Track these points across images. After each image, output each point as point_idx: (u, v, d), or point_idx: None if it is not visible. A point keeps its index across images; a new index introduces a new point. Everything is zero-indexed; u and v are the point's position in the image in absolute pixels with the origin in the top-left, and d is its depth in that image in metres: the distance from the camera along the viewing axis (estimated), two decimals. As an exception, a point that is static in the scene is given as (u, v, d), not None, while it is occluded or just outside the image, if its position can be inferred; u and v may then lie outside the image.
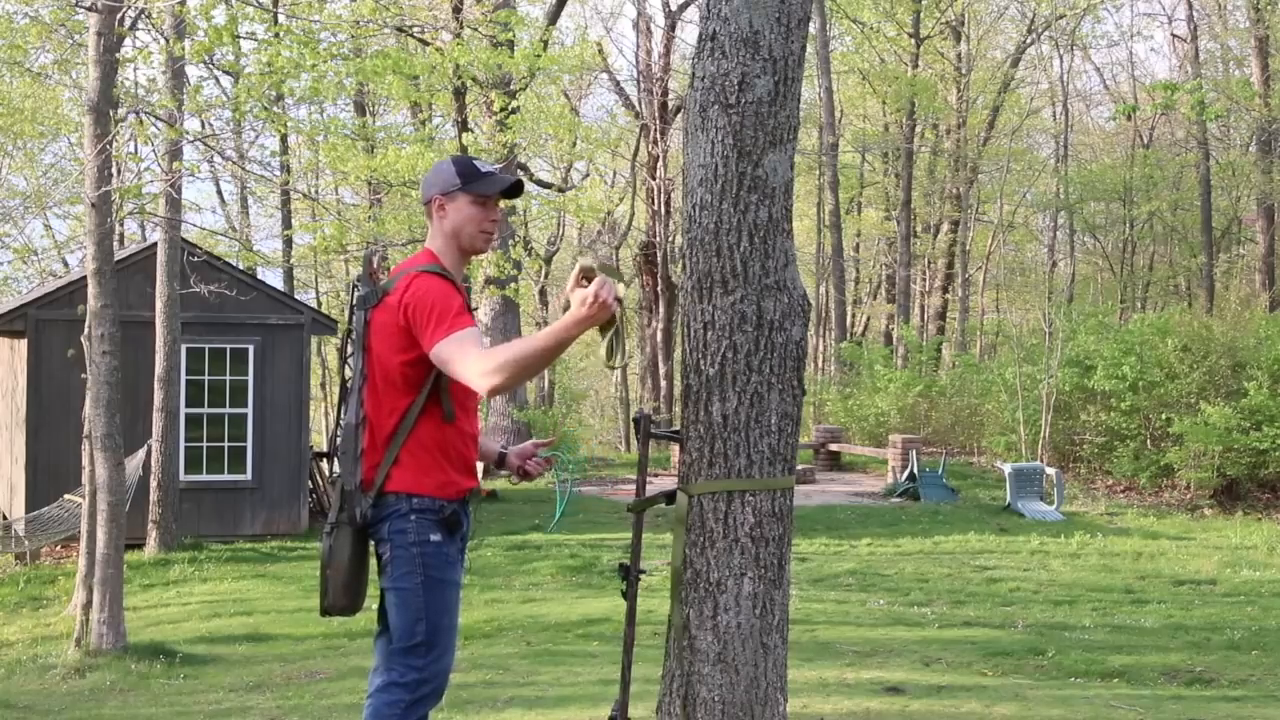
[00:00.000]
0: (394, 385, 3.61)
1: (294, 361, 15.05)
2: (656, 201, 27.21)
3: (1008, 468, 17.34)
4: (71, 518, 12.71)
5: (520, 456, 4.02)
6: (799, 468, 16.77)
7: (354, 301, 3.76)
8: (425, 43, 16.49)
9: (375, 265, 3.86)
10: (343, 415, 3.70)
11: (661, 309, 27.19)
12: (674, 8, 27.88)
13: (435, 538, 3.59)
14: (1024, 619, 10.26)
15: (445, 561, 3.62)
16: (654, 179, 27.30)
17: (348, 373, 3.78)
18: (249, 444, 14.83)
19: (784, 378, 3.94)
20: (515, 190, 3.80)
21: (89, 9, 9.17)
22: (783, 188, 3.95)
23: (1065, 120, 34.98)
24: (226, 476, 14.84)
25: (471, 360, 3.42)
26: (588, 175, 34.21)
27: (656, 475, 16.38)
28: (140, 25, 11.51)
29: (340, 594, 3.70)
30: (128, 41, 11.93)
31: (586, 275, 3.35)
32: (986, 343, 35.34)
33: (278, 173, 17.17)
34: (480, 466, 4.01)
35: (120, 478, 9.51)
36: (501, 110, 15.30)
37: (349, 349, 3.77)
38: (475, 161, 3.78)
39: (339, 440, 3.68)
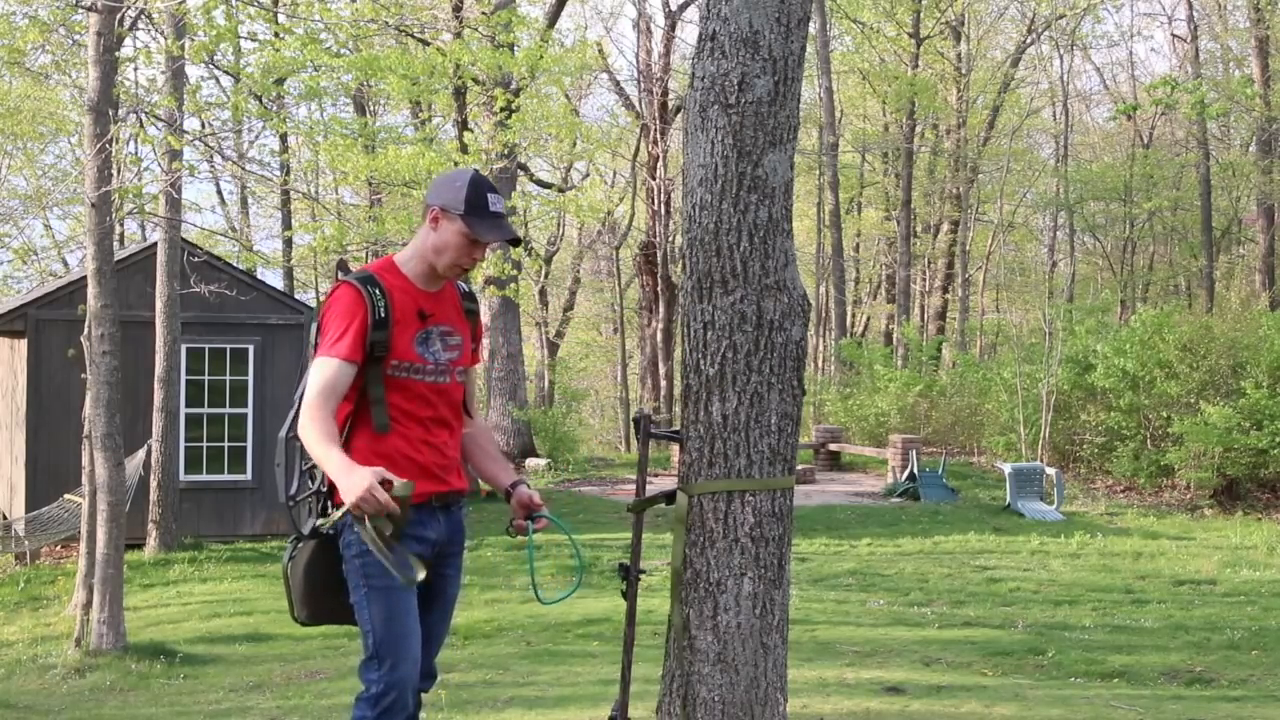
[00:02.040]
0: None
1: (294, 361, 15.04)
2: (656, 201, 27.21)
3: (1008, 468, 17.34)
4: (71, 518, 12.71)
5: (523, 506, 3.82)
6: (799, 468, 16.77)
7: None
8: (425, 43, 16.50)
9: (347, 268, 3.84)
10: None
11: (661, 309, 27.19)
12: (674, 8, 27.88)
13: None
14: (1024, 619, 10.26)
15: (387, 570, 3.49)
16: (654, 179, 27.30)
17: None
18: (249, 444, 14.83)
19: (784, 378, 3.94)
20: (511, 242, 3.74)
21: (89, 9, 9.17)
22: (783, 188, 3.96)
23: (1065, 120, 34.98)
24: (226, 476, 14.84)
25: (309, 396, 3.47)
26: (588, 175, 34.23)
27: (656, 475, 16.38)
28: (140, 25, 11.52)
29: (301, 604, 3.69)
30: (128, 41, 11.93)
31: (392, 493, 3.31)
32: (986, 343, 35.34)
33: (278, 173, 17.18)
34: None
35: (120, 478, 9.51)
36: (503, 110, 15.30)
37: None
38: (490, 194, 3.65)
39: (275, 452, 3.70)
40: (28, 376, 14.28)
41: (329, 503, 3.60)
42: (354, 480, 3.24)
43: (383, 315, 3.54)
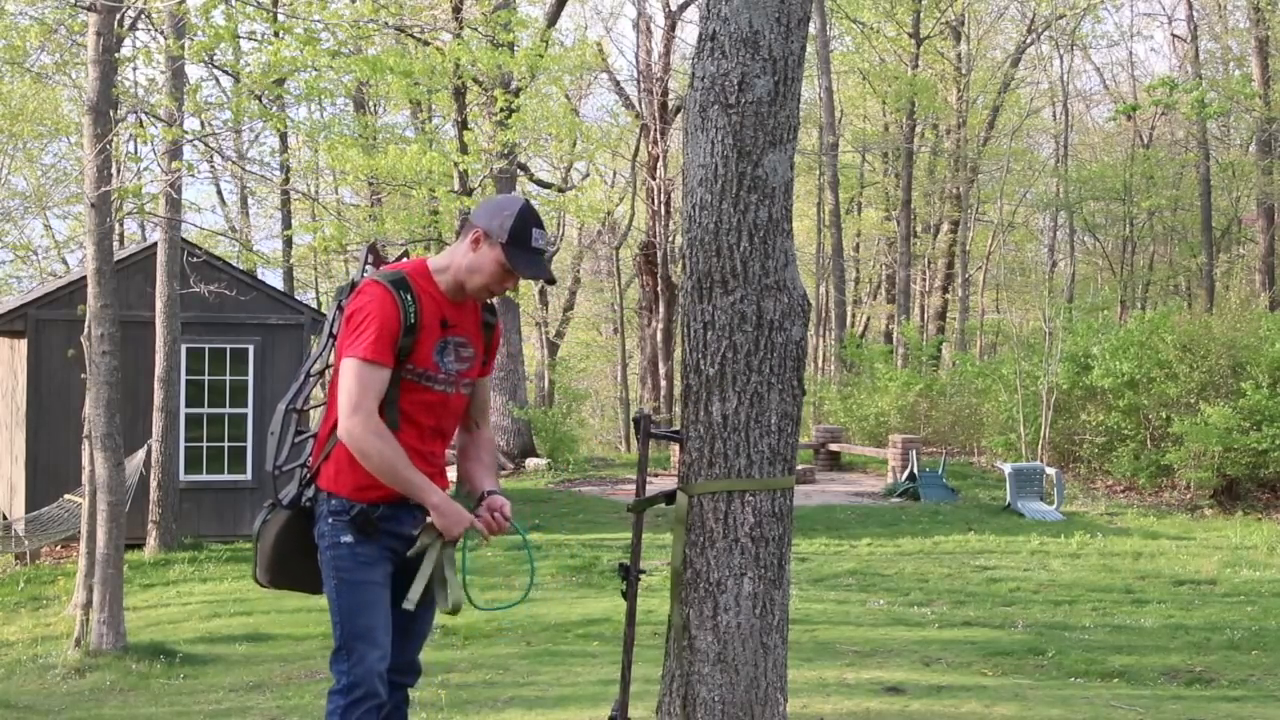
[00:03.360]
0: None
1: (294, 361, 15.03)
2: (656, 201, 27.21)
3: (1008, 468, 17.33)
4: (71, 518, 12.70)
5: (490, 509, 3.83)
6: (799, 468, 16.77)
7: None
8: (425, 43, 16.50)
9: (378, 254, 3.88)
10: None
11: (661, 309, 27.19)
12: (674, 8, 27.88)
13: (346, 539, 3.62)
14: (1024, 619, 10.26)
15: (358, 563, 3.63)
16: (654, 179, 27.29)
17: None
18: (249, 444, 14.83)
19: (784, 378, 3.94)
20: (547, 281, 3.85)
21: (89, 9, 9.17)
22: (783, 188, 3.95)
23: (1065, 120, 34.98)
24: (226, 476, 14.84)
25: (349, 400, 3.53)
26: (588, 175, 34.21)
27: (656, 475, 16.38)
28: (140, 25, 11.52)
29: (265, 569, 3.80)
30: (128, 41, 11.93)
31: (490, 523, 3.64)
32: (986, 342, 35.35)
33: (278, 173, 17.19)
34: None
35: (120, 478, 9.51)
36: (502, 110, 15.29)
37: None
38: (535, 230, 3.69)
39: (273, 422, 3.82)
40: (28, 376, 14.28)
41: (315, 483, 3.71)
42: (459, 518, 3.54)
43: (412, 321, 3.61)
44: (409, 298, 3.61)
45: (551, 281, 3.89)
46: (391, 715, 3.78)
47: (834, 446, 21.35)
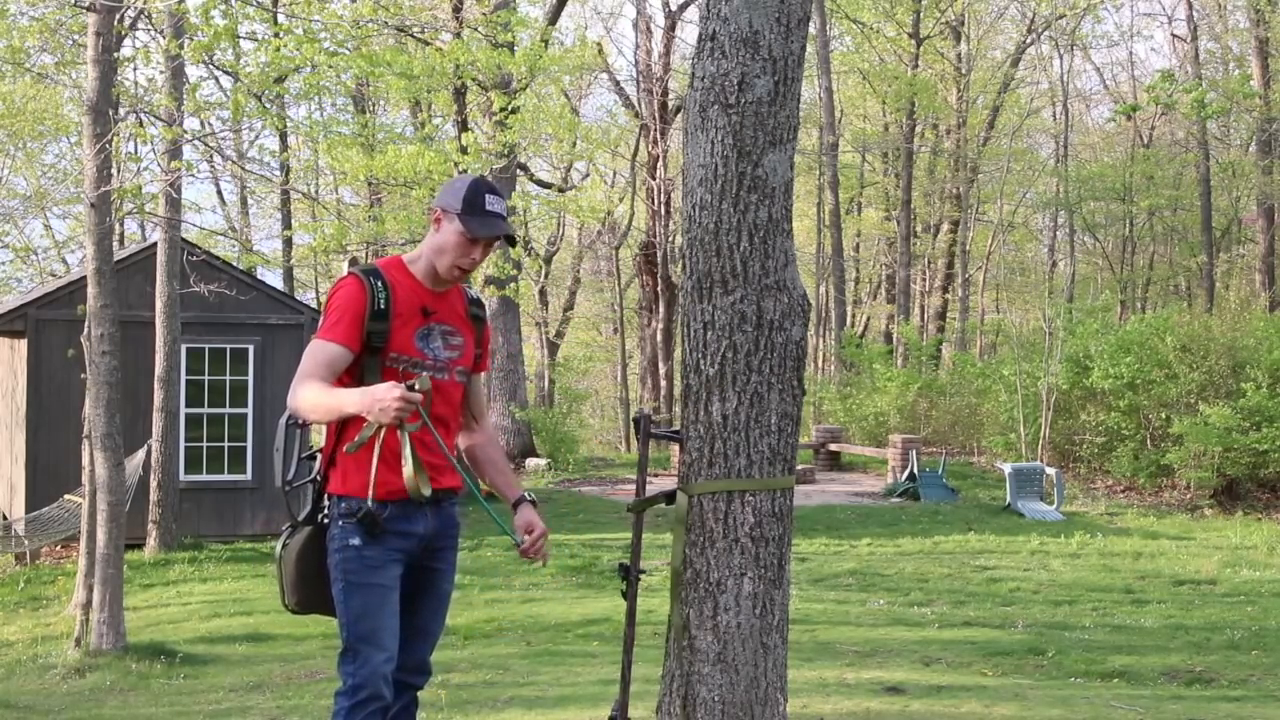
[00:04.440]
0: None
1: (294, 361, 14.83)
2: (656, 201, 27.20)
3: (1008, 468, 17.33)
4: (71, 518, 12.70)
5: (527, 528, 3.82)
6: (799, 468, 16.76)
7: None
8: (425, 43, 16.49)
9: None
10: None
11: (661, 309, 27.18)
12: (674, 8, 27.88)
13: (355, 542, 3.61)
14: (1024, 619, 10.26)
15: (365, 566, 3.62)
16: (654, 179, 27.29)
17: None
18: (249, 444, 14.83)
19: (784, 378, 3.94)
20: (507, 240, 3.77)
21: (88, 9, 9.17)
22: (783, 188, 3.95)
23: (1065, 120, 34.97)
24: (226, 476, 14.84)
25: (299, 373, 3.58)
26: (588, 175, 34.21)
27: (656, 475, 16.38)
28: (140, 25, 11.51)
29: (291, 591, 3.79)
30: (127, 41, 11.93)
31: (411, 389, 3.36)
32: (986, 342, 35.34)
33: (277, 173, 17.19)
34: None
35: (120, 478, 9.51)
36: (501, 110, 15.29)
37: None
38: (489, 195, 3.72)
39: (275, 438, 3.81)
40: (28, 376, 14.28)
41: (324, 492, 3.71)
42: (379, 396, 3.31)
43: (382, 306, 3.63)
44: (379, 284, 3.65)
45: (511, 240, 3.81)
46: (399, 716, 3.78)
47: (834, 446, 21.34)
